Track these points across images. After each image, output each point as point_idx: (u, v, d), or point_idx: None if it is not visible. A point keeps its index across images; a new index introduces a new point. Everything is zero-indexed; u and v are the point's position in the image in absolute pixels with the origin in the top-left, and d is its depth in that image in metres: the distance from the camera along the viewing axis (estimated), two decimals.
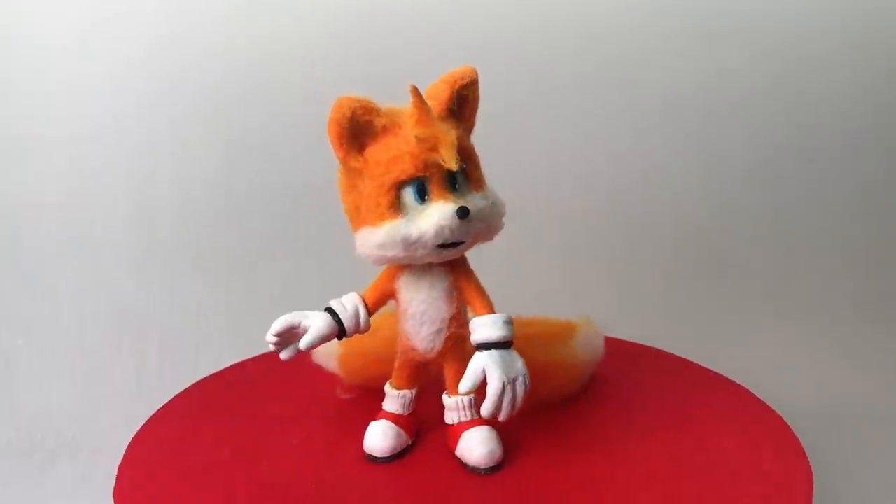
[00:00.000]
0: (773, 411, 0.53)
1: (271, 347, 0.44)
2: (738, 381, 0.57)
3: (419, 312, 0.46)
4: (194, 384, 0.57)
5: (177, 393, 0.55)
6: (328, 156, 0.45)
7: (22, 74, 0.87)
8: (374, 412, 0.48)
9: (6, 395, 0.70)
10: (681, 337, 0.77)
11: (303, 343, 0.43)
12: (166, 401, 0.54)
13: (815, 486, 0.44)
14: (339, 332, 0.44)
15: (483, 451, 0.45)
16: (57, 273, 0.84)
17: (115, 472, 0.45)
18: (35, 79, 0.87)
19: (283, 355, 0.44)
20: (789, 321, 0.85)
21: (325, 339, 0.44)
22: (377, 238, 0.42)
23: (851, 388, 0.73)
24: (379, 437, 0.47)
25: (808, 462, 0.46)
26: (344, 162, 0.44)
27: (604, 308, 0.83)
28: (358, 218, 0.44)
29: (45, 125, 0.87)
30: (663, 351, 0.63)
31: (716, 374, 0.58)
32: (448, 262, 0.45)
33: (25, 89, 0.87)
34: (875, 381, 0.75)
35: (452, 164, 0.42)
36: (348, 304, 0.45)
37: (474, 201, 0.43)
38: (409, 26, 0.90)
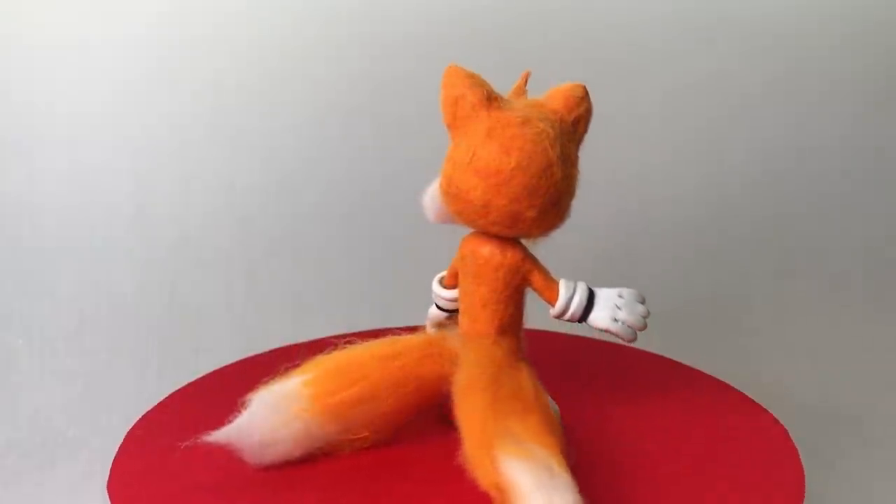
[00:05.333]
0: (767, 412, 0.53)
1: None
2: (731, 384, 0.57)
3: None
4: (192, 382, 0.58)
5: (173, 390, 0.56)
6: (329, 156, 0.45)
7: (22, 74, 0.87)
8: None
9: (6, 395, 0.70)
10: (674, 339, 0.77)
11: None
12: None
13: (810, 488, 0.45)
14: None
15: None
16: (57, 273, 0.84)
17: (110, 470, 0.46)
18: (35, 79, 0.87)
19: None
20: (785, 322, 0.85)
21: None
22: None
23: (848, 389, 0.73)
24: None
25: (801, 463, 0.47)
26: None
27: None
28: None
29: (45, 125, 0.87)
30: (655, 354, 0.63)
31: (708, 376, 0.59)
32: None
33: (25, 89, 0.87)
34: (873, 382, 0.75)
35: None
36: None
37: None
38: (408, 26, 0.90)
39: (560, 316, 0.48)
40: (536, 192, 0.44)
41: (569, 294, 0.47)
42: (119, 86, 0.88)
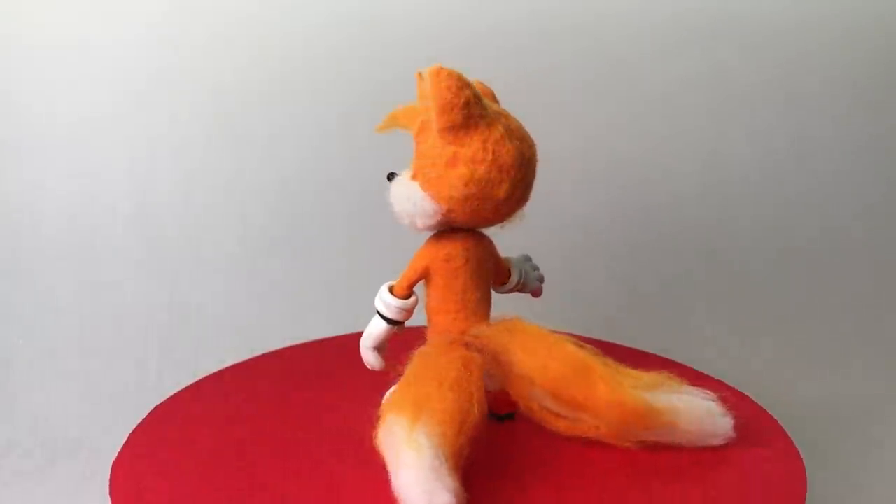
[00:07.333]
0: (768, 414, 0.53)
1: None
2: (730, 383, 0.57)
3: None
4: (192, 384, 0.58)
5: (174, 392, 0.56)
6: (329, 156, 0.45)
7: (22, 74, 0.87)
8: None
9: (6, 395, 0.70)
10: (673, 338, 0.77)
11: None
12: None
13: (811, 488, 0.45)
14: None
15: None
16: (57, 273, 0.84)
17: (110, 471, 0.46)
18: (35, 79, 0.87)
19: None
20: (785, 322, 0.85)
21: None
22: None
23: (848, 389, 0.73)
24: None
25: (802, 463, 0.47)
26: None
27: (598, 310, 0.84)
28: None
29: (45, 125, 0.87)
30: (654, 354, 0.63)
31: (708, 376, 0.59)
32: None
33: (25, 89, 0.87)
34: (873, 382, 0.75)
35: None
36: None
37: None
38: (409, 26, 0.90)
39: (513, 289, 0.53)
40: (534, 178, 0.48)
41: (520, 268, 0.53)
42: (119, 86, 0.88)
